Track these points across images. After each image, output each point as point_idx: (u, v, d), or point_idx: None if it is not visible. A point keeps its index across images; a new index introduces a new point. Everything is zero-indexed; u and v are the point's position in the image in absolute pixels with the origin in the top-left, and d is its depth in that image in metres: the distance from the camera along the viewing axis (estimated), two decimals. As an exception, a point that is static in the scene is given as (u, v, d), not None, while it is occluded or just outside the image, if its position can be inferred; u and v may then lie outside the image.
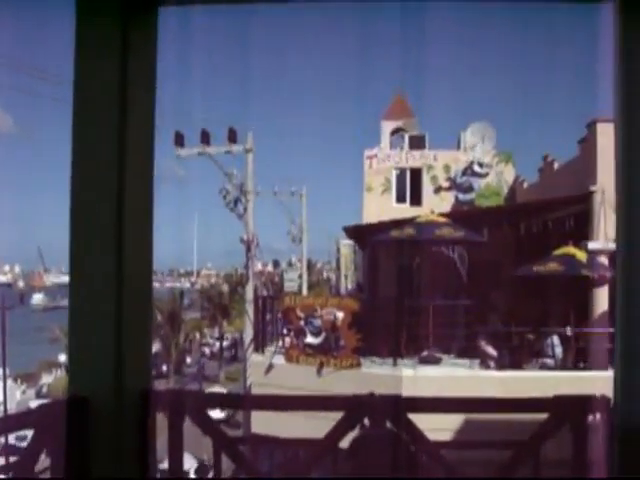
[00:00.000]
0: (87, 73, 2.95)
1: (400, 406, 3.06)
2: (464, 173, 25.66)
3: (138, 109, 3.01)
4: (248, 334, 19.50)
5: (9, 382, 32.94)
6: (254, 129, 22.80)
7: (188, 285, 79.14)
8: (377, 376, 13.05)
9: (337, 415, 3.08)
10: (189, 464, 16.50)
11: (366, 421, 3.00)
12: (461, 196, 25.41)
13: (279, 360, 14.67)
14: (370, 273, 23.94)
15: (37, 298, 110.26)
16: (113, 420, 2.89)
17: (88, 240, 2.97)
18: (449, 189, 25.76)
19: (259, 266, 26.10)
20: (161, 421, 3.16)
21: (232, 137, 21.22)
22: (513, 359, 13.92)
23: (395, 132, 27.78)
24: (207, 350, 54.63)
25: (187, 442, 3.23)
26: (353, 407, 3.07)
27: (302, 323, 14.10)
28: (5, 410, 25.60)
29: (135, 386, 2.99)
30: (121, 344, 2.89)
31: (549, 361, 13.70)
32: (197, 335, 52.84)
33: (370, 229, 18.70)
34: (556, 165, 20.58)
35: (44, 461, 3.06)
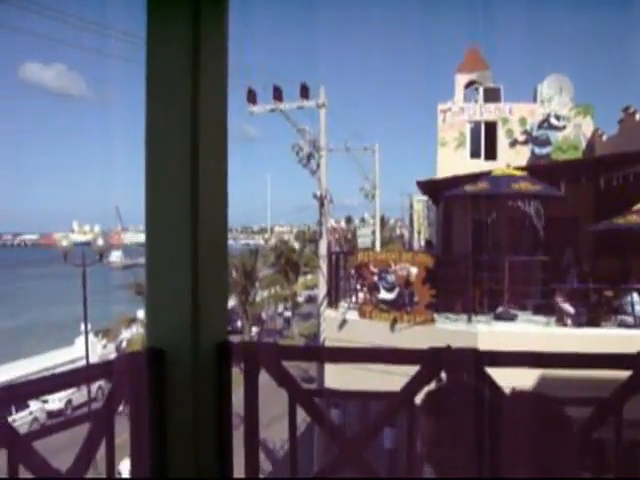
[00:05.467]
0: (159, 34, 2.96)
1: (478, 359, 3.01)
2: (540, 126, 25.12)
3: (211, 67, 3.01)
4: (321, 290, 19.64)
5: (90, 337, 34.01)
6: (327, 84, 22.66)
7: (262, 242, 79.96)
8: (451, 332, 12.97)
9: (405, 370, 3.06)
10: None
11: (443, 375, 2.97)
12: (537, 150, 24.89)
13: (352, 316, 14.71)
14: (444, 228, 23.75)
15: (115, 256, 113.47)
16: (190, 372, 2.94)
17: (163, 196, 3.00)
18: (525, 143, 25.28)
19: (332, 222, 26.10)
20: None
21: (304, 93, 21.14)
22: (591, 316, 13.63)
23: (469, 85, 27.30)
24: (282, 307, 55.33)
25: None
26: (430, 360, 3.03)
27: (375, 279, 14.08)
28: (87, 363, 26.49)
29: (211, 339, 3.03)
30: (197, 297, 2.92)
31: (628, 319, 13.36)
32: (271, 291, 53.38)
33: (444, 184, 18.45)
34: (637, 116, 19.91)
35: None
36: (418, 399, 3.11)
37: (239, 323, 45.98)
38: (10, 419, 23.73)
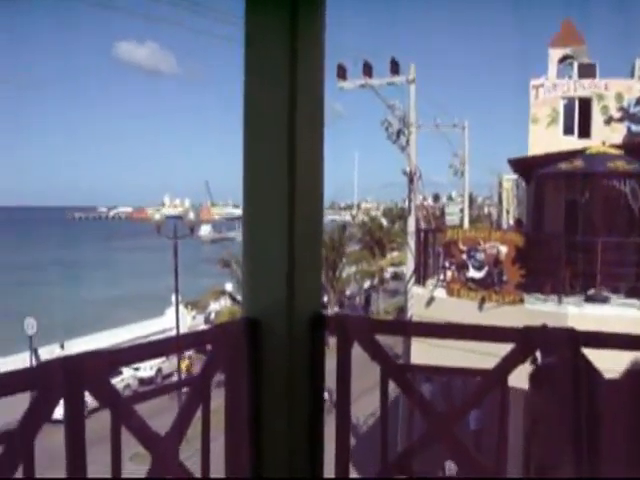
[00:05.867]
0: (258, 14, 3.02)
1: (574, 340, 2.97)
2: (638, 103, 24.27)
3: (308, 47, 3.05)
4: (409, 267, 19.57)
5: (180, 308, 34.85)
6: (416, 61, 22.46)
7: (348, 218, 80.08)
8: (541, 313, 12.75)
9: (492, 350, 3.03)
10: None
11: (538, 354, 2.94)
12: (634, 127, 24.08)
13: (440, 293, 14.63)
14: (535, 207, 23.28)
15: (204, 230, 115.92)
16: (284, 342, 3.02)
17: (260, 171, 3.08)
18: (621, 120, 24.47)
19: (419, 199, 25.96)
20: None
21: (394, 68, 20.99)
22: (688, 301, 13.17)
23: (563, 60, 26.56)
24: (367, 283, 55.41)
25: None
26: (525, 339, 3.00)
27: (464, 257, 13.95)
28: (177, 333, 27.16)
29: (306, 311, 3.09)
30: (293, 270, 2.98)
31: None
32: (358, 267, 53.43)
33: (536, 162, 18.10)
34: None
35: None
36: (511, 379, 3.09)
37: (325, 298, 46.24)
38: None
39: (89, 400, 2.53)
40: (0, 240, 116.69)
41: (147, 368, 33.01)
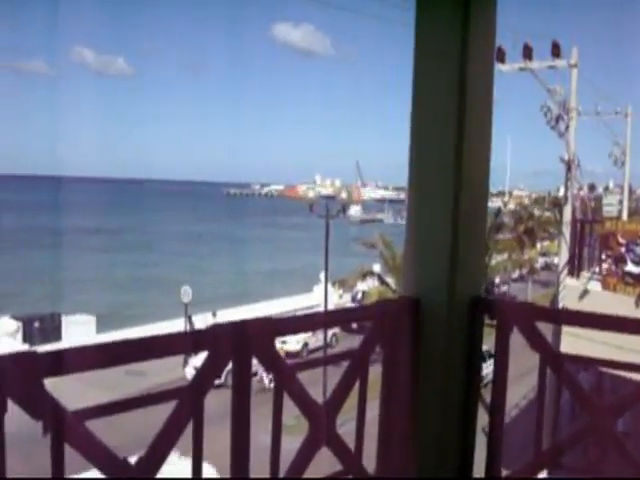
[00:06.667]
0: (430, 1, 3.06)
1: None
2: None
3: (479, 35, 3.08)
4: (562, 258, 19.00)
5: (328, 285, 35.31)
6: (580, 43, 21.56)
7: (499, 205, 78.63)
8: None
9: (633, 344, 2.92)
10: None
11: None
12: None
13: (594, 286, 14.16)
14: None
15: (354, 210, 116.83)
16: (443, 322, 3.07)
17: (427, 151, 3.14)
18: None
19: (575, 188, 25.13)
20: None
21: (556, 51, 20.29)
22: None
23: None
24: (517, 272, 54.28)
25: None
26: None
27: (623, 250, 13.44)
28: (325, 310, 27.54)
29: (466, 293, 3.12)
30: (457, 251, 3.02)
31: None
32: (507, 256, 52.28)
33: None
34: None
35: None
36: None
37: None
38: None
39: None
40: (170, 212, 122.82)
41: (294, 342, 33.62)
